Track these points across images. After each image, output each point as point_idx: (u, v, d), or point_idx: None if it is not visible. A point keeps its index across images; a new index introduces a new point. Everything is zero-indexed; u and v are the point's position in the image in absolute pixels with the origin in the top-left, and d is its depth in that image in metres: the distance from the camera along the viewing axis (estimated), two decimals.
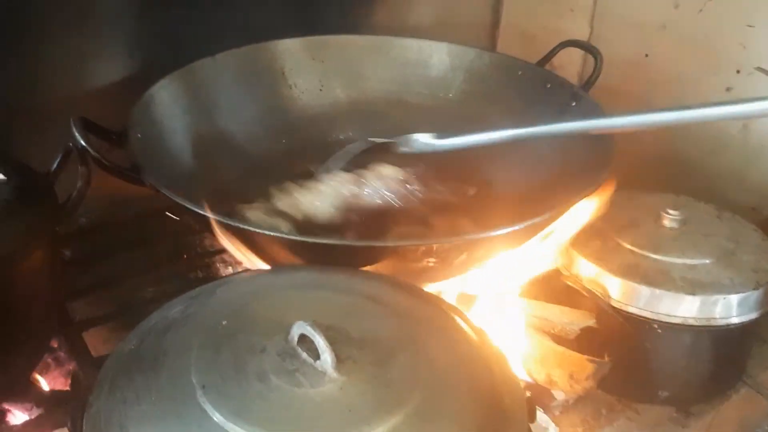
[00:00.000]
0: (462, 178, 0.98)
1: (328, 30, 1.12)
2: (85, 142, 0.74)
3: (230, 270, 0.94)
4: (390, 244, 0.73)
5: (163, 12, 1.00)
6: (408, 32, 1.16)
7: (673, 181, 1.17)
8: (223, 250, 0.96)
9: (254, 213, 0.84)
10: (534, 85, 1.03)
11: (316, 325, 0.55)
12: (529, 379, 0.85)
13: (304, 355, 0.54)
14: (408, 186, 0.91)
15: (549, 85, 1.02)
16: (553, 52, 1.06)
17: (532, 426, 0.75)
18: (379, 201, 0.87)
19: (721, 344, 0.88)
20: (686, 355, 0.88)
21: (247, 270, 0.78)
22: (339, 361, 0.54)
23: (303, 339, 0.55)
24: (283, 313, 0.58)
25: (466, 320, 0.64)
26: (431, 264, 0.71)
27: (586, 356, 0.80)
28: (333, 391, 0.52)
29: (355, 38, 1.12)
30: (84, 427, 0.53)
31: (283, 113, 1.08)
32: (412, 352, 0.56)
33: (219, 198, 0.92)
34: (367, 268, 0.71)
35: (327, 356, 0.53)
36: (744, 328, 0.87)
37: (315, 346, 0.54)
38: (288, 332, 0.55)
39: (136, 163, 0.77)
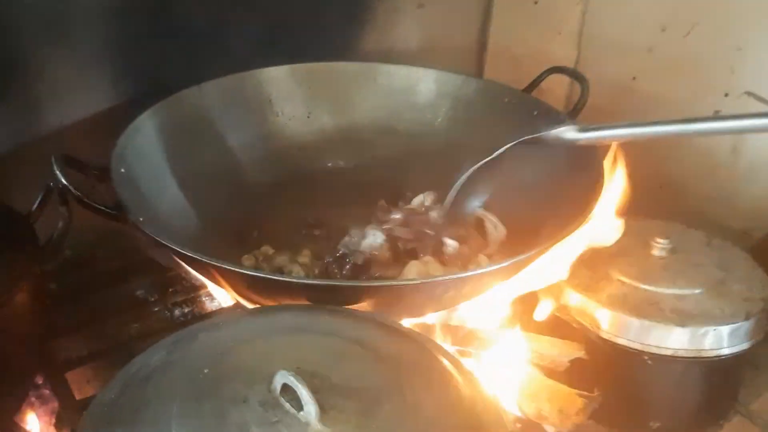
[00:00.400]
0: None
1: (315, 57, 1.11)
2: (66, 181, 0.73)
3: (216, 304, 0.93)
4: (372, 284, 0.72)
5: (147, 43, 0.99)
6: (395, 57, 1.16)
7: (663, 205, 1.17)
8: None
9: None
10: (521, 112, 1.03)
11: (300, 373, 0.54)
12: (520, 414, 0.84)
13: (288, 405, 0.53)
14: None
15: (536, 112, 1.01)
16: (539, 79, 1.06)
17: None
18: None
19: (713, 375, 0.87)
20: (677, 386, 0.88)
21: (228, 309, 0.77)
22: (323, 411, 0.53)
23: (286, 388, 0.54)
24: (266, 359, 0.57)
25: (453, 361, 0.63)
26: (419, 300, 0.70)
27: (576, 391, 0.80)
28: None
29: (341, 65, 1.11)
30: None
31: (271, 141, 1.08)
32: (398, 400, 0.55)
33: (207, 233, 0.92)
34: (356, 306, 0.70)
35: (310, 407, 0.52)
36: (735, 359, 0.86)
37: (297, 395, 0.53)
38: (271, 381, 0.54)
39: (119, 201, 0.76)
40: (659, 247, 0.91)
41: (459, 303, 0.78)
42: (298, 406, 0.53)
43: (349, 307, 0.69)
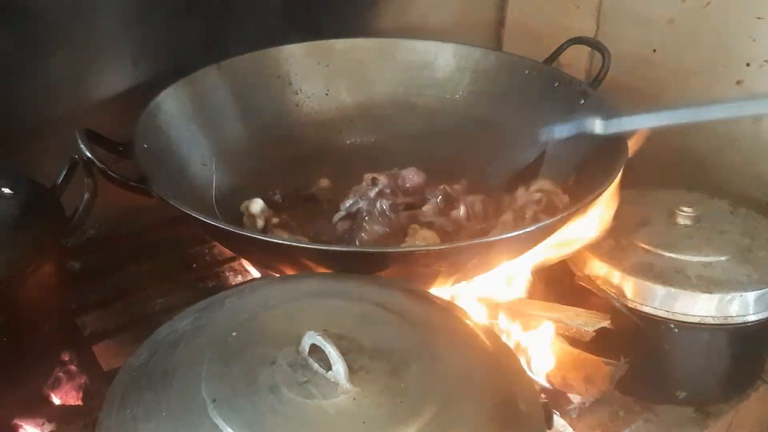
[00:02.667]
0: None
1: (333, 34, 1.11)
2: (91, 154, 0.74)
3: (239, 278, 0.93)
4: (400, 250, 0.72)
5: (166, 22, 0.99)
6: (413, 34, 1.16)
7: (686, 176, 1.16)
8: (232, 259, 0.96)
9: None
10: (542, 84, 1.02)
11: (328, 335, 0.54)
12: (546, 384, 0.84)
13: (316, 366, 0.53)
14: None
15: (557, 84, 1.00)
16: (560, 50, 1.05)
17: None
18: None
19: (739, 342, 0.86)
20: (704, 355, 0.87)
21: (255, 279, 0.78)
22: (351, 371, 0.53)
23: (314, 349, 0.54)
24: (294, 323, 0.57)
25: (478, 325, 0.63)
26: (443, 269, 0.70)
27: (601, 358, 0.79)
28: (346, 403, 0.51)
29: (359, 41, 1.11)
30: None
31: (290, 118, 1.08)
32: (425, 361, 0.55)
33: (226, 205, 0.92)
34: (380, 274, 0.70)
35: (339, 367, 0.52)
36: (762, 326, 0.85)
37: (326, 356, 0.53)
38: (299, 343, 0.55)
39: (143, 174, 0.77)
40: (683, 215, 0.90)
41: (484, 272, 0.78)
42: (327, 366, 0.53)
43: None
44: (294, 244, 0.69)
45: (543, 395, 0.85)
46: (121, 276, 0.91)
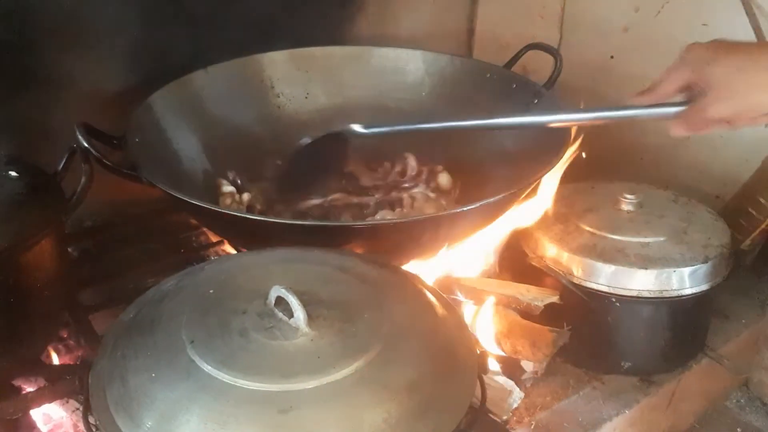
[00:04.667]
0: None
1: (312, 42, 1.21)
2: (87, 143, 0.83)
3: None
4: (359, 224, 0.81)
5: (160, 30, 1.08)
6: (388, 42, 1.26)
7: (639, 173, 1.25)
8: (216, 244, 1.05)
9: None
10: (502, 86, 1.12)
11: (291, 290, 0.63)
12: (500, 352, 0.92)
13: (281, 314, 0.62)
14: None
15: (515, 85, 1.10)
16: (518, 55, 1.15)
17: (501, 390, 0.83)
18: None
19: (677, 315, 0.95)
20: (645, 327, 0.96)
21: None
22: (310, 318, 0.62)
23: (279, 301, 0.63)
24: (263, 282, 0.66)
25: (427, 287, 0.72)
26: (399, 241, 0.79)
27: (546, 327, 0.88)
28: (305, 343, 0.60)
29: (337, 49, 1.21)
30: (90, 382, 0.61)
31: (272, 120, 1.17)
32: (375, 311, 0.64)
33: (211, 195, 1.01)
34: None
35: (299, 314, 0.61)
36: (697, 300, 0.94)
37: (290, 307, 0.62)
38: (266, 296, 0.63)
39: (134, 163, 0.86)
40: (626, 202, 0.99)
41: (439, 247, 0.87)
42: (289, 314, 0.62)
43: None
44: (263, 218, 0.78)
45: (499, 363, 0.94)
46: (116, 258, 1.00)
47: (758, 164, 1.15)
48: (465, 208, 0.78)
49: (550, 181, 0.91)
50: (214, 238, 1.05)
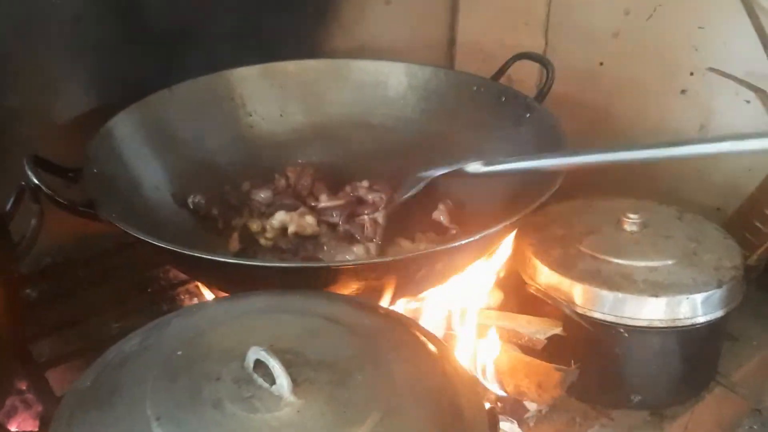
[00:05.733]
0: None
1: (286, 56, 1.12)
2: (38, 180, 0.74)
3: (195, 301, 0.94)
4: (339, 264, 0.73)
5: (119, 49, 1.00)
6: (366, 54, 1.18)
7: (636, 185, 1.18)
8: (187, 282, 0.96)
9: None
10: (490, 99, 1.05)
11: (272, 350, 0.55)
12: (502, 392, 0.85)
13: (260, 380, 0.54)
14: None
15: (504, 98, 1.03)
16: (506, 66, 1.08)
17: None
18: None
19: (690, 344, 0.88)
20: (655, 358, 0.89)
21: (205, 300, 0.78)
22: (296, 384, 0.53)
23: (259, 364, 0.54)
24: (240, 339, 0.58)
25: (426, 335, 0.64)
26: (391, 281, 0.71)
27: (553, 365, 0.80)
28: (290, 415, 0.52)
29: (312, 63, 1.13)
30: None
31: (245, 141, 1.09)
32: (370, 371, 0.56)
33: (178, 227, 0.93)
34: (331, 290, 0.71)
35: (282, 380, 0.53)
36: (711, 327, 0.87)
37: (271, 370, 0.53)
38: (244, 359, 0.55)
39: (91, 199, 0.77)
40: (630, 222, 0.92)
41: (433, 284, 0.79)
42: (271, 380, 0.53)
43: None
44: (234, 261, 0.69)
45: (499, 403, 0.87)
46: (77, 302, 0.91)
47: (763, 175, 1.09)
48: (463, 242, 0.71)
49: None
50: (182, 276, 0.97)
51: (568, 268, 0.89)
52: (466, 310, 0.88)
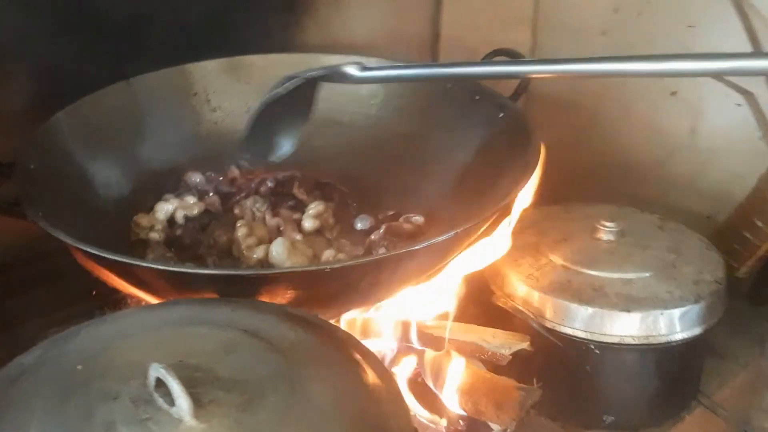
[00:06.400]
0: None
1: (254, 50, 1.07)
2: None
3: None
4: (269, 272, 0.67)
5: (73, 39, 0.94)
6: (342, 51, 1.12)
7: (624, 192, 1.12)
8: None
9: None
10: (464, 98, 0.99)
11: (181, 366, 0.50)
12: (461, 411, 0.79)
13: (161, 401, 0.48)
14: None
15: (478, 97, 0.97)
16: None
17: None
18: None
19: (666, 363, 0.82)
20: (629, 376, 0.83)
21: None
22: (200, 405, 0.48)
23: (161, 383, 0.49)
24: (148, 354, 0.52)
25: (362, 352, 0.58)
26: (335, 290, 0.65)
27: (514, 383, 0.75)
28: None
29: (280, 57, 1.07)
30: None
31: (208, 137, 1.04)
32: (285, 392, 0.50)
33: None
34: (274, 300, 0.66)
35: (182, 402, 0.47)
36: (689, 345, 0.81)
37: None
38: (147, 376, 0.50)
39: (21, 196, 0.72)
40: (605, 230, 0.87)
41: (381, 294, 0.73)
42: (172, 401, 0.48)
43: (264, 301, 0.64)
44: (150, 265, 0.64)
45: (461, 421, 0.81)
46: (16, 303, 0.86)
47: (753, 182, 1.03)
48: (412, 248, 0.65)
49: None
50: None
51: (537, 279, 0.83)
52: (424, 321, 0.82)
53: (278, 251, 0.77)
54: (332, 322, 0.72)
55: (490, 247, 0.81)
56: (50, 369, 0.53)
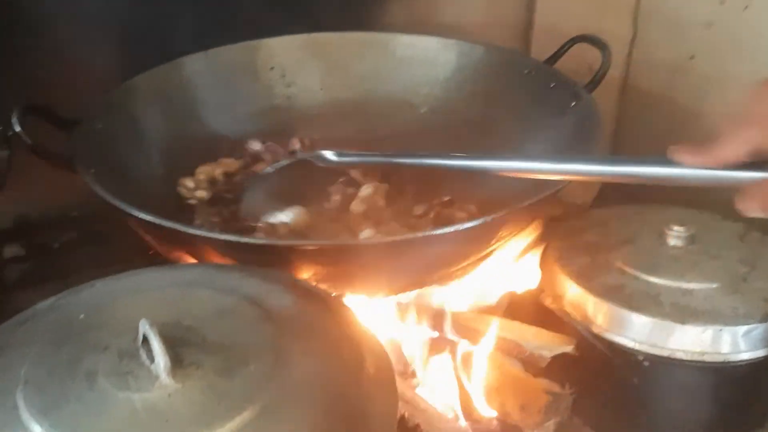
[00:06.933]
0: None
1: (336, 28, 1.07)
2: (21, 127, 0.73)
3: None
4: (288, 243, 0.66)
5: (155, 7, 0.98)
6: (427, 32, 1.09)
7: (718, 198, 1.04)
8: None
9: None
10: (539, 84, 0.94)
11: (175, 326, 0.51)
12: (492, 412, 0.75)
13: (144, 357, 0.49)
14: None
15: (553, 84, 0.92)
16: (562, 49, 0.97)
17: None
18: None
19: (725, 385, 0.75)
20: (681, 396, 0.76)
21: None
22: (181, 366, 0.48)
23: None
24: (146, 311, 0.52)
25: (362, 332, 0.56)
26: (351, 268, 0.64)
27: (544, 386, 0.70)
28: (158, 398, 0.46)
29: (358, 35, 1.06)
30: None
31: (278, 113, 1.04)
32: (267, 361, 0.49)
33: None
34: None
35: (160, 359, 0.47)
36: (752, 367, 0.73)
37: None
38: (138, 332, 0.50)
39: (76, 152, 0.75)
40: (673, 235, 0.80)
41: (410, 279, 0.71)
42: (153, 359, 0.48)
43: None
44: (177, 227, 0.64)
45: (495, 421, 0.77)
46: (73, 258, 0.90)
47: None
48: (429, 233, 0.62)
49: None
50: None
51: (591, 280, 0.77)
52: (464, 312, 0.79)
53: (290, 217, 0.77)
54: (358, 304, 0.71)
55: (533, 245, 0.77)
56: (55, 315, 0.55)
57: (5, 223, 0.94)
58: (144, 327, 0.49)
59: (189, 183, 0.87)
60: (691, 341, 0.72)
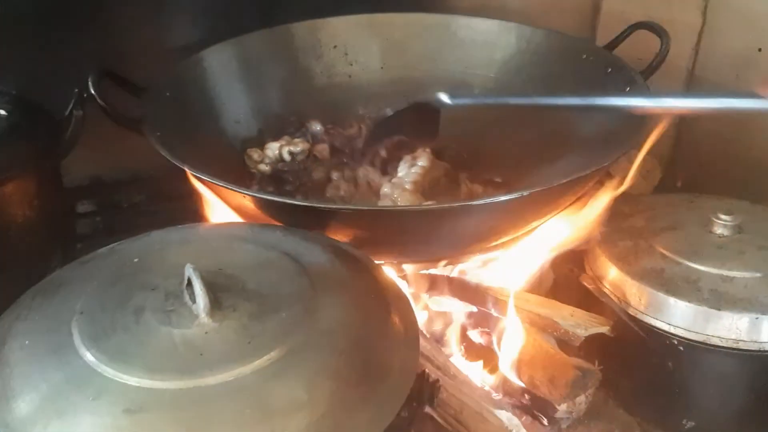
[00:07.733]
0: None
1: (400, 8, 1.09)
2: (96, 90, 0.78)
3: None
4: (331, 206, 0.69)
5: None
6: (492, 15, 1.11)
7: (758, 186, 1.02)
8: None
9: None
10: (596, 69, 0.94)
11: (219, 274, 0.55)
12: (519, 382, 0.77)
13: (187, 297, 0.53)
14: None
15: (610, 70, 0.92)
16: (623, 35, 0.97)
17: (500, 428, 0.69)
18: None
19: (759, 373, 0.74)
20: (716, 382, 0.76)
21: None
22: (219, 308, 0.52)
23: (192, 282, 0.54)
24: (194, 259, 0.56)
25: (395, 294, 0.59)
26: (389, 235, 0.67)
27: (573, 362, 0.72)
28: (195, 335, 0.51)
29: (420, 16, 1.08)
30: None
31: (339, 90, 1.07)
32: (298, 311, 0.53)
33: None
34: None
35: (200, 300, 0.52)
36: None
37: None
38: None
39: (145, 116, 0.80)
40: (720, 223, 0.79)
41: (445, 250, 0.73)
42: (195, 300, 0.53)
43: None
44: (235, 189, 0.68)
45: (526, 395, 0.79)
46: (134, 216, 0.96)
47: None
48: (465, 203, 0.65)
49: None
50: None
51: (631, 263, 0.78)
52: (503, 288, 0.81)
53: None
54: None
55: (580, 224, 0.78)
56: (113, 258, 0.60)
57: (81, 181, 1.01)
58: (189, 271, 0.53)
59: (255, 155, 0.91)
60: (727, 328, 0.72)
